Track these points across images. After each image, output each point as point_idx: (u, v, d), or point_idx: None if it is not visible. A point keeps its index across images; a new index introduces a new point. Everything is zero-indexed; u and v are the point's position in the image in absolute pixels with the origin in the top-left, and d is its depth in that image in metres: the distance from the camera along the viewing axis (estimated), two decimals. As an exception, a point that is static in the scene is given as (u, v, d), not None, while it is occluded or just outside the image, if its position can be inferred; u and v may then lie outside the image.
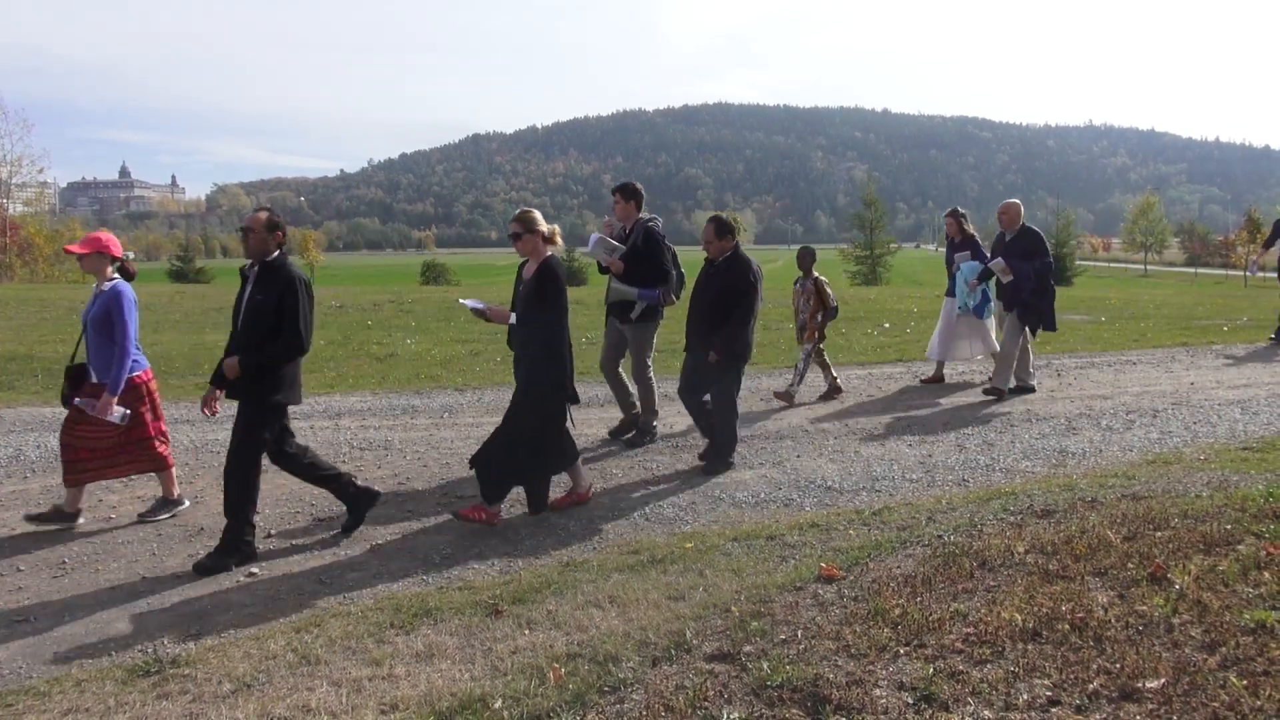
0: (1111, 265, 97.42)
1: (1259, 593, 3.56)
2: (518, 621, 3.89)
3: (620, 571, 4.47)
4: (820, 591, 3.99)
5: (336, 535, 5.29)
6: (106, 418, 5.27)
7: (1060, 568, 4.00)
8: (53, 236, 54.50)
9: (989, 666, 3.10)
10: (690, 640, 3.53)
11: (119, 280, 5.47)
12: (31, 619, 4.20)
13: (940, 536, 4.69)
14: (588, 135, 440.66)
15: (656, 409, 7.35)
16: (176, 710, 3.25)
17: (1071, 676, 2.97)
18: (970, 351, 10.03)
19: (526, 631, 3.79)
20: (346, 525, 5.34)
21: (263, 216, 5.08)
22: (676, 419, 8.15)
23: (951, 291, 9.78)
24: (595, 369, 10.97)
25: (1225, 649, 3.10)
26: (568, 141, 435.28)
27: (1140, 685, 2.87)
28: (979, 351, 10.02)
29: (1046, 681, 2.96)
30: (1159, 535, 4.34)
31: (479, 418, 8.47)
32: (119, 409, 5.32)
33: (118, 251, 5.51)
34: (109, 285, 5.40)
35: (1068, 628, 3.33)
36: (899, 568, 4.23)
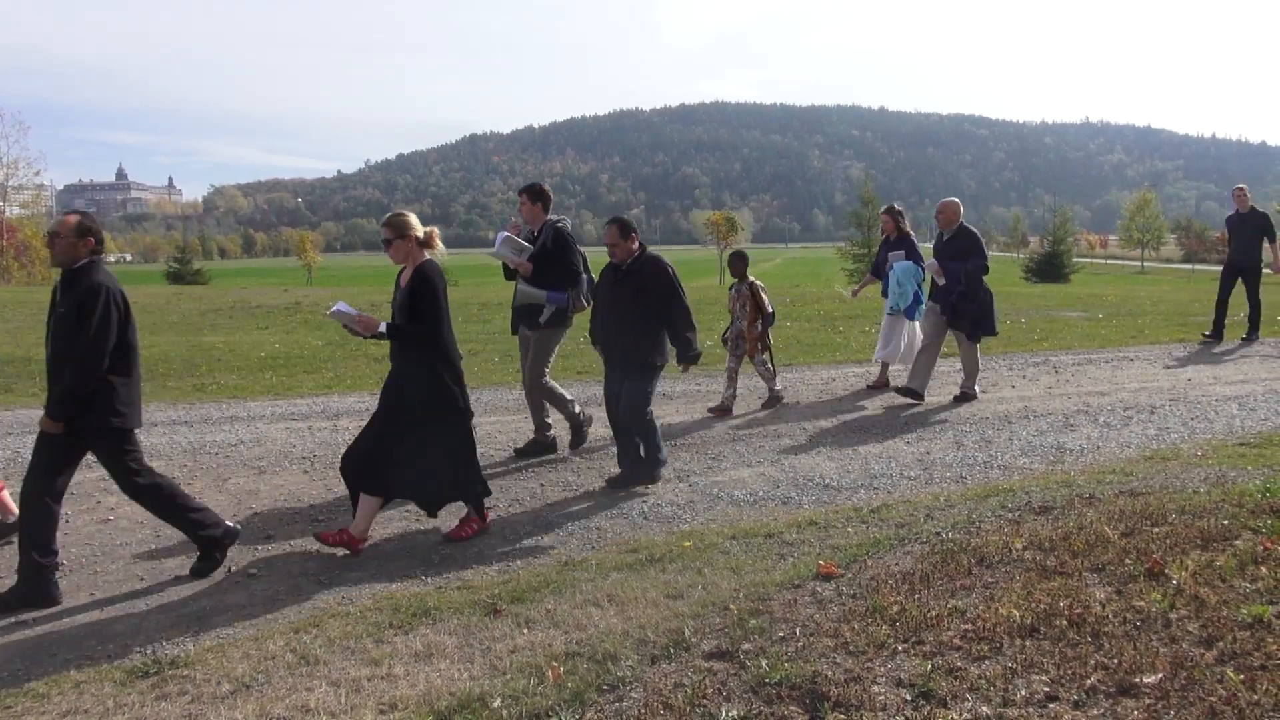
0: (1108, 262, 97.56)
1: (1256, 588, 3.57)
2: (516, 620, 3.89)
3: (619, 570, 4.47)
4: (819, 589, 3.99)
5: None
6: None
7: (1058, 564, 4.00)
8: (47, 238, 54.40)
9: (987, 663, 3.10)
10: (689, 638, 3.53)
11: None
12: (30, 620, 4.20)
13: (938, 534, 4.70)
14: (585, 135, 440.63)
15: (582, 413, 7.09)
16: (175, 711, 3.25)
17: (1069, 672, 2.98)
18: (908, 355, 9.45)
19: (525, 630, 3.79)
20: (195, 569, 4.69)
21: (72, 220, 4.49)
22: (673, 416, 8.16)
23: (886, 292, 9.42)
24: (590, 369, 11.00)
25: (1222, 644, 3.11)
26: (565, 141, 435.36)
27: (1138, 680, 2.88)
28: (908, 356, 9.46)
29: (1044, 677, 2.97)
30: (1156, 531, 4.35)
31: (477, 417, 8.46)
32: None
33: None
34: None
35: (1065, 624, 3.34)
36: (897, 565, 4.24)
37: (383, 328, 4.83)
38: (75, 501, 5.97)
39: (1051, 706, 2.80)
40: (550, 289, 6.61)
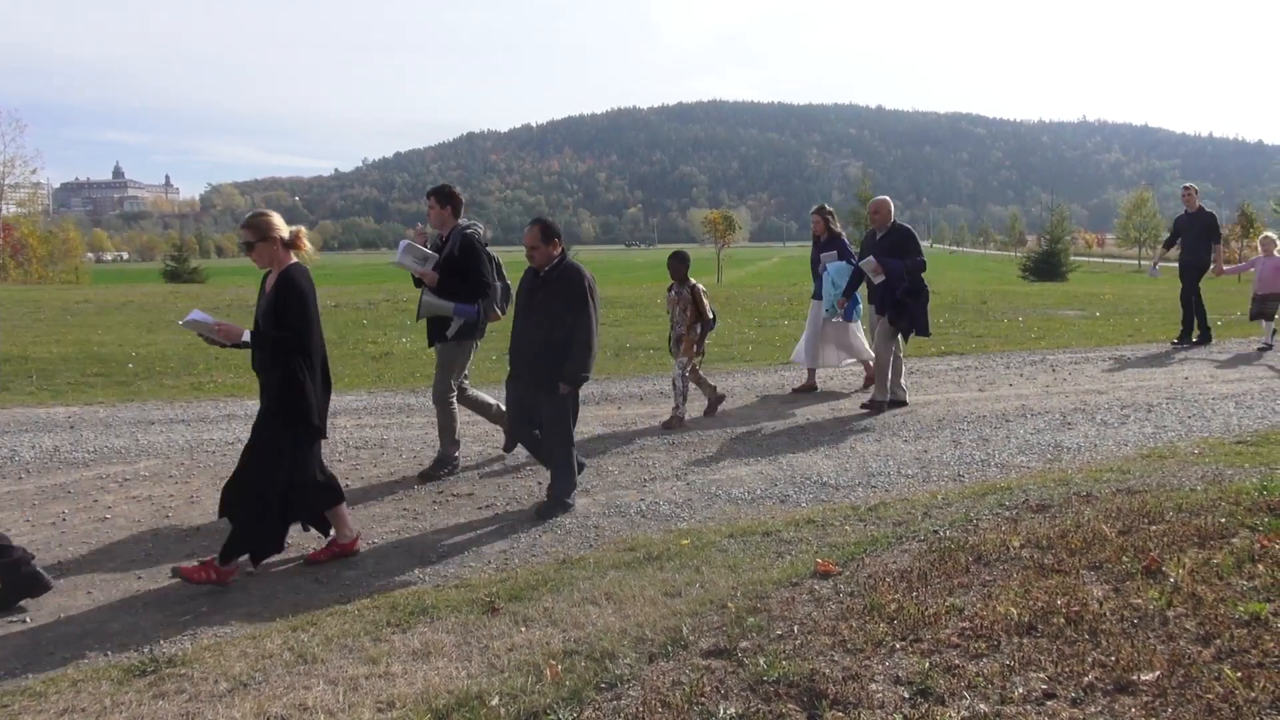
0: (1105, 261, 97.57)
1: (1253, 585, 3.57)
2: (514, 619, 3.89)
3: (616, 568, 4.47)
4: (816, 587, 3.99)
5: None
6: None
7: (1055, 562, 4.01)
8: (46, 238, 54.45)
9: (985, 660, 3.10)
10: (687, 636, 3.53)
11: None
12: (27, 619, 4.20)
13: (936, 531, 4.70)
14: (583, 133, 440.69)
15: (458, 439, 6.55)
16: (173, 710, 3.24)
17: (1067, 670, 2.98)
18: (838, 358, 9.37)
19: (523, 629, 3.79)
20: None
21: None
22: (669, 414, 8.16)
23: (818, 294, 9.14)
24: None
25: (1220, 641, 3.11)
26: (563, 139, 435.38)
27: (1135, 678, 2.88)
28: (848, 358, 9.39)
29: (1042, 675, 2.97)
30: (1154, 529, 4.35)
31: (474, 415, 8.45)
32: None
33: None
34: None
35: (1063, 621, 3.34)
36: (895, 563, 4.24)
37: (246, 336, 4.48)
38: (73, 500, 5.97)
39: (1049, 704, 2.80)
40: (458, 300, 6.10)
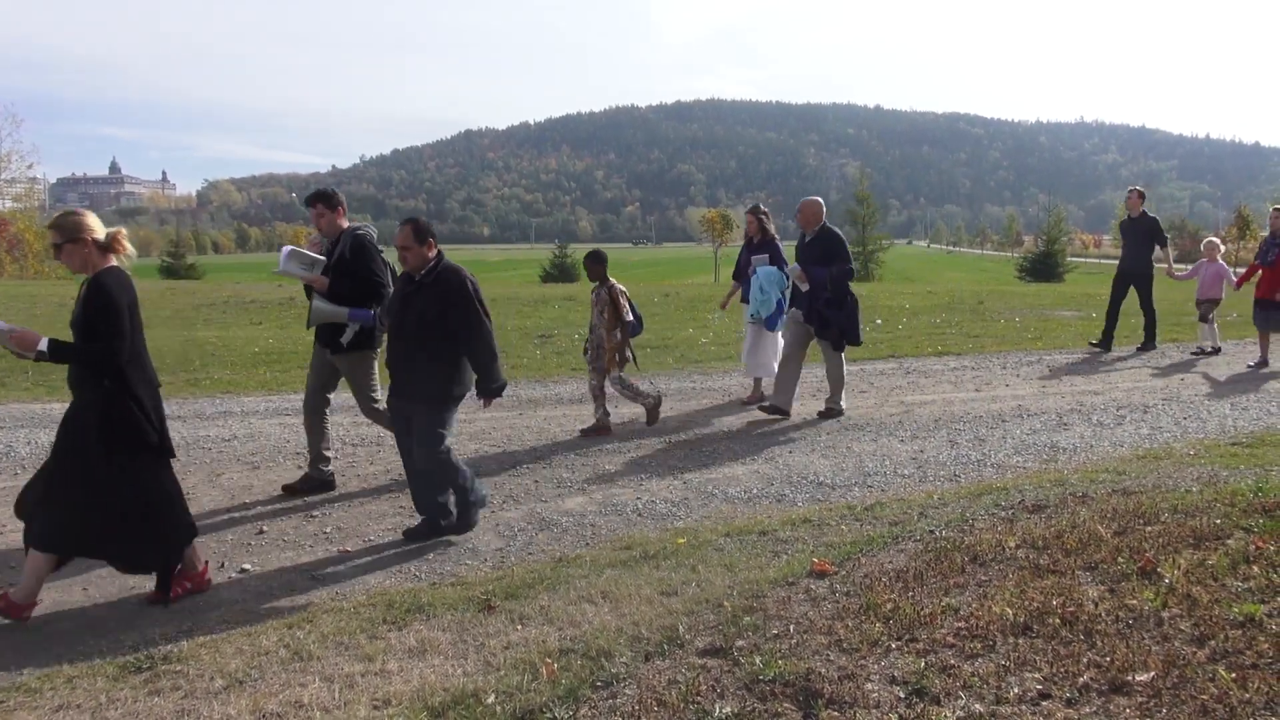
0: (1102, 262, 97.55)
1: (1248, 586, 3.58)
2: (510, 617, 3.89)
3: (613, 567, 4.47)
4: (812, 586, 4.00)
5: (329, 532, 5.26)
6: None
7: (1051, 562, 4.01)
8: (42, 233, 54.29)
9: (980, 660, 3.11)
10: (683, 635, 3.53)
11: None
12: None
13: (932, 531, 4.70)
14: (581, 131, 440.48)
15: (329, 451, 6.17)
16: (168, 706, 3.24)
17: (1062, 670, 2.99)
18: (764, 373, 8.69)
19: (519, 627, 3.79)
20: None
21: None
22: (669, 415, 8.16)
23: (749, 298, 8.60)
24: (585, 366, 11.00)
25: (1214, 642, 3.12)
26: (560, 137, 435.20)
27: (1130, 678, 2.89)
28: (764, 375, 8.68)
29: (1037, 675, 2.98)
30: (1149, 530, 4.36)
31: (471, 413, 8.45)
32: None
33: None
34: None
35: (1058, 622, 3.35)
36: (891, 563, 4.25)
37: (44, 345, 3.97)
38: (68, 496, 5.95)
39: (1044, 704, 2.80)
40: (351, 305, 5.75)
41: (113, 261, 4.24)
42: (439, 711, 3.06)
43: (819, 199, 8.22)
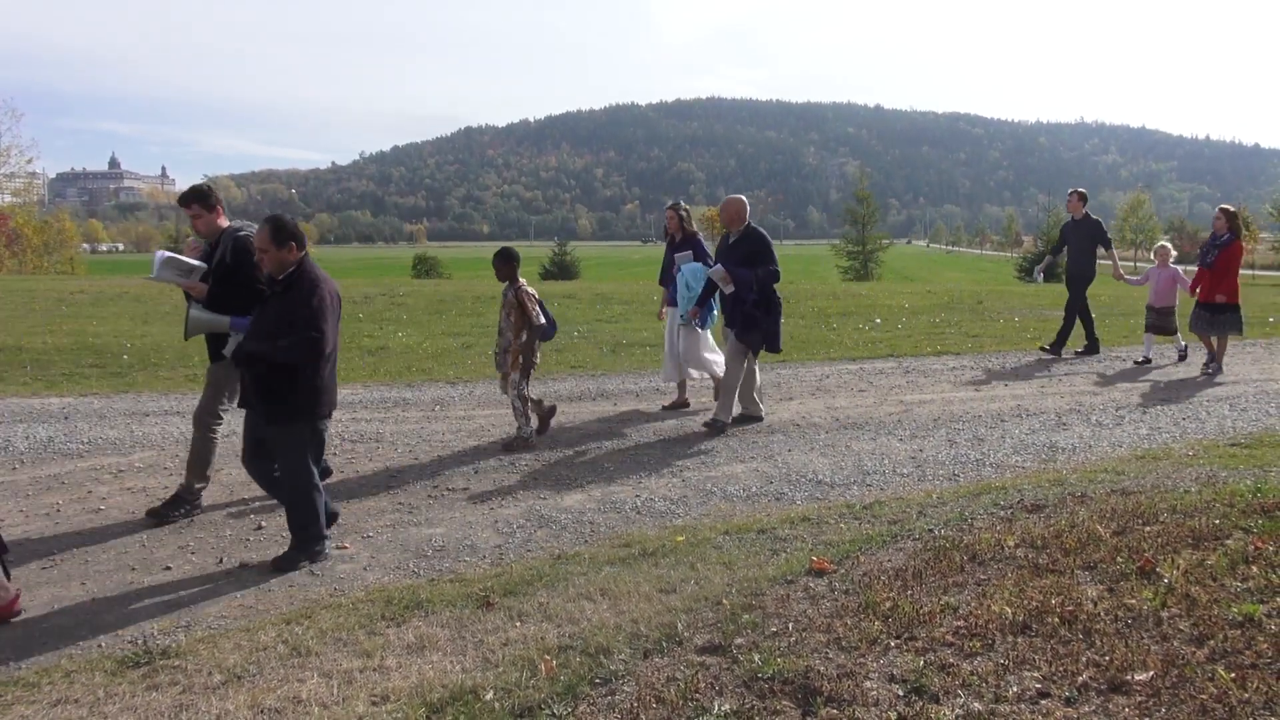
0: (1102, 263, 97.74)
1: (1247, 586, 3.58)
2: (509, 614, 3.89)
3: (612, 564, 4.47)
4: (811, 585, 4.00)
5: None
6: None
7: (1050, 562, 4.01)
8: (41, 228, 54.29)
9: (979, 659, 3.11)
10: (681, 632, 3.54)
11: None
12: (21, 610, 4.18)
13: (931, 530, 4.70)
14: (580, 129, 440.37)
15: (210, 475, 5.69)
16: (166, 701, 3.24)
17: (1061, 669, 2.99)
18: (699, 370, 8.31)
19: (518, 624, 3.79)
20: None
21: None
22: (668, 413, 8.16)
23: (673, 300, 8.16)
24: (584, 363, 11.01)
25: (1213, 642, 3.12)
26: (560, 135, 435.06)
27: (1129, 678, 2.89)
28: (695, 372, 8.32)
29: (1036, 674, 2.98)
30: (1148, 530, 4.36)
31: (470, 410, 8.46)
32: None
33: None
34: None
35: (1057, 621, 3.35)
36: (890, 561, 4.25)
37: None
38: (67, 491, 5.95)
39: (1043, 703, 2.80)
40: (234, 313, 5.16)
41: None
42: (437, 708, 3.06)
43: (743, 197, 7.79)
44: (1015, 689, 2.89)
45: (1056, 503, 5.09)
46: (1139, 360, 10.83)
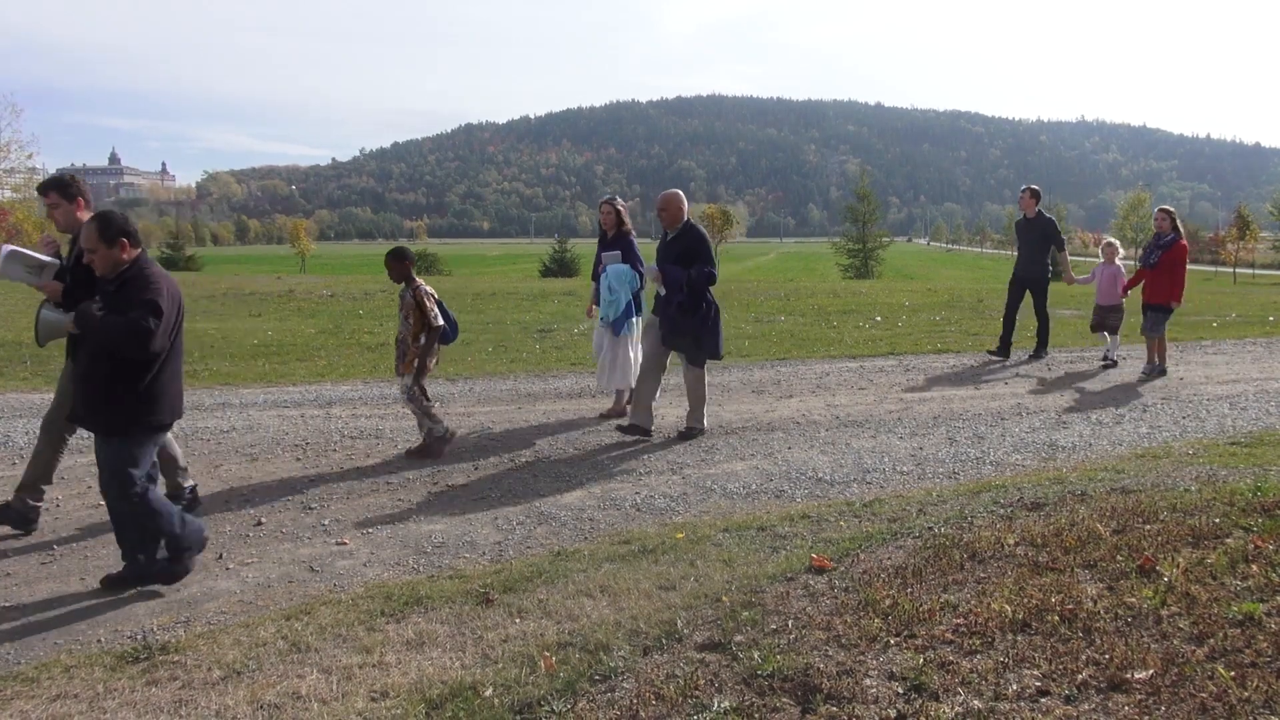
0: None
1: (1247, 585, 3.58)
2: (509, 610, 3.89)
3: (611, 561, 4.47)
4: (811, 582, 3.99)
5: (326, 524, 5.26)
6: None
7: (1050, 560, 4.01)
8: (41, 223, 54.25)
9: (979, 657, 3.11)
10: (681, 630, 3.53)
11: None
12: (20, 605, 4.18)
13: (931, 528, 4.70)
14: (581, 126, 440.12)
15: (49, 484, 5.30)
16: (166, 696, 3.24)
17: (1060, 667, 2.99)
18: (616, 376, 7.74)
19: (517, 620, 3.79)
20: None
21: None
22: (668, 410, 8.16)
23: (599, 300, 7.79)
24: (584, 360, 11.01)
25: (1213, 641, 3.12)
26: (560, 132, 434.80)
27: (1129, 676, 2.89)
28: (622, 382, 7.75)
29: (1036, 672, 2.98)
30: (1148, 528, 4.36)
31: (470, 407, 8.46)
32: None
33: None
34: None
35: (1057, 619, 3.35)
36: (889, 559, 4.24)
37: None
38: (66, 486, 5.95)
39: (1043, 701, 2.80)
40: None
41: None
42: (437, 704, 3.06)
43: (680, 192, 7.30)
44: (1015, 687, 2.89)
45: (1056, 501, 5.09)
46: (1103, 362, 10.50)
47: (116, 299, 4.18)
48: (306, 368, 10.63)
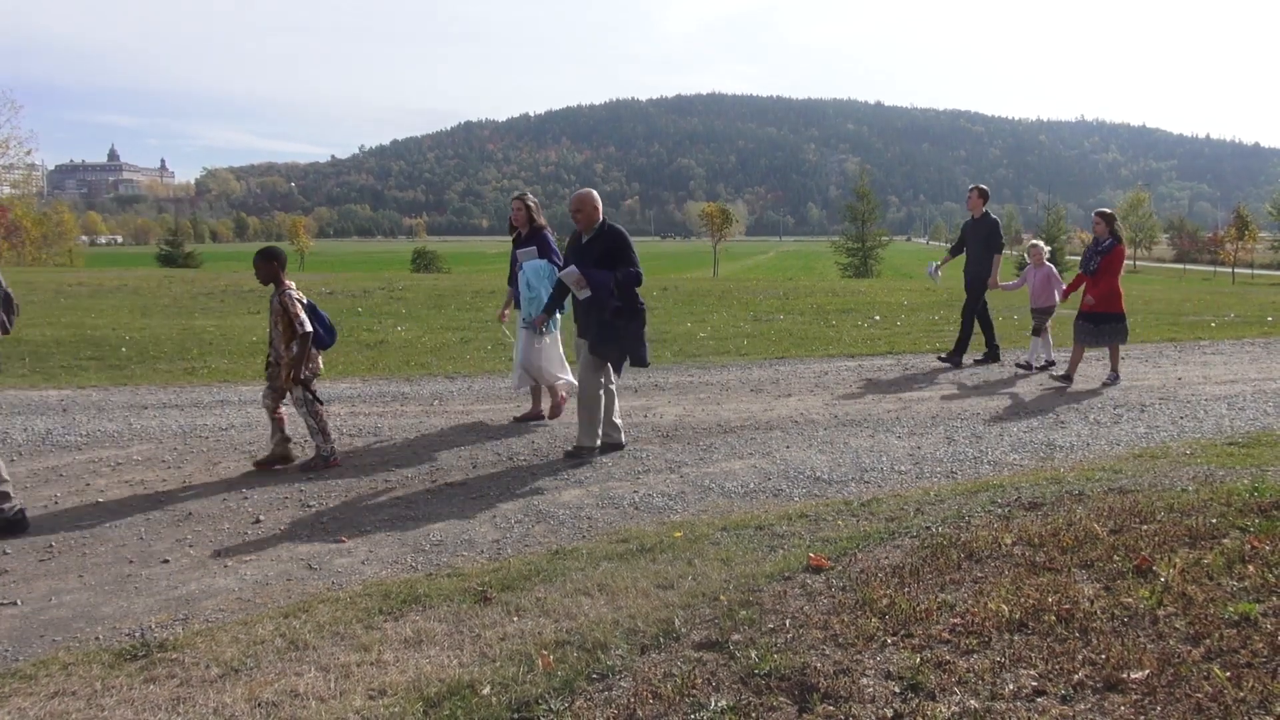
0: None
1: (1243, 585, 3.59)
2: (507, 609, 3.89)
3: (609, 560, 4.47)
4: (808, 581, 4.00)
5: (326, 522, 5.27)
6: None
7: (1047, 560, 4.02)
8: (40, 220, 54.28)
9: (975, 656, 3.12)
10: (679, 628, 3.54)
11: None
12: (18, 602, 4.18)
13: (928, 528, 4.71)
14: (580, 124, 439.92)
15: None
16: (164, 694, 3.24)
17: (1057, 667, 3.00)
18: (540, 379, 7.62)
19: (515, 619, 3.79)
20: None
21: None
22: (666, 409, 8.17)
23: (518, 300, 7.54)
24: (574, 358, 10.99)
25: (1209, 641, 3.12)
26: (560, 130, 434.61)
27: (1125, 676, 2.90)
28: (544, 382, 7.63)
29: (1032, 672, 2.98)
30: (1145, 529, 4.37)
31: (469, 405, 8.46)
32: None
33: None
34: None
35: (1054, 619, 3.35)
36: (887, 558, 4.25)
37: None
38: (65, 484, 5.95)
39: (1039, 701, 2.81)
40: None
41: None
42: (435, 702, 3.07)
43: (593, 192, 6.90)
44: (1011, 686, 2.90)
45: (1054, 501, 5.10)
46: (1037, 366, 10.26)
47: None
48: (305, 365, 10.63)
